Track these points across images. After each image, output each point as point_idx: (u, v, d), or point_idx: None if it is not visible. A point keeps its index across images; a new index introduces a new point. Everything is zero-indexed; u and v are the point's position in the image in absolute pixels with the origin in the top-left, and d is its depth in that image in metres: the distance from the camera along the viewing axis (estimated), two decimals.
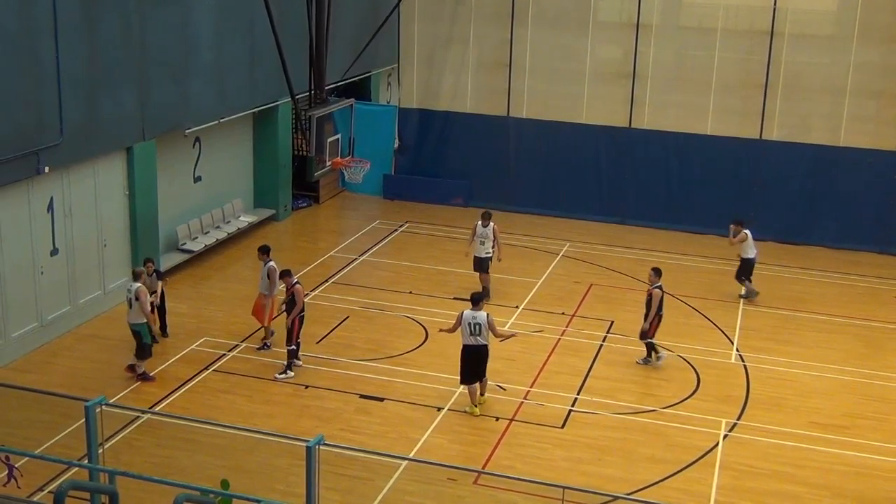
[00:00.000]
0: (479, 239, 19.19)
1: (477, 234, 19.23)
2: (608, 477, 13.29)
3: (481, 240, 19.16)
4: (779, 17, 23.57)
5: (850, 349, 18.01)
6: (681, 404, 15.47)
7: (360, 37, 23.56)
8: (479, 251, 19.21)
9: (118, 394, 14.90)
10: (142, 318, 15.29)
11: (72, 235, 17.04)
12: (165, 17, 18.50)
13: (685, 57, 24.71)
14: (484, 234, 19.16)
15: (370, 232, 23.57)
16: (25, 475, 11.01)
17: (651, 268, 17.21)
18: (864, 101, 23.49)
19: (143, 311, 15.23)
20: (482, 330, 14.68)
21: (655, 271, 16.95)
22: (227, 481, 9.39)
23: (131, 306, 15.32)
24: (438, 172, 26.57)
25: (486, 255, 19.21)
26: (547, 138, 25.61)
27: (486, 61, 26.02)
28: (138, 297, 15.18)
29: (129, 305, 15.36)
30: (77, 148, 16.56)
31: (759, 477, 13.51)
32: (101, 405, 10.06)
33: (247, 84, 21.52)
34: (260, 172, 23.59)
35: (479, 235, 19.21)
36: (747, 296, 20.00)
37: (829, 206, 23.87)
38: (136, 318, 15.34)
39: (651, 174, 24.99)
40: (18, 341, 16.08)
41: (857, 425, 15.08)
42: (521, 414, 14.98)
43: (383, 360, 16.59)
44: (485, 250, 19.18)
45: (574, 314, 18.94)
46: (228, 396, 15.18)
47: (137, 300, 15.19)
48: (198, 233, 21.00)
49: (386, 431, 14.29)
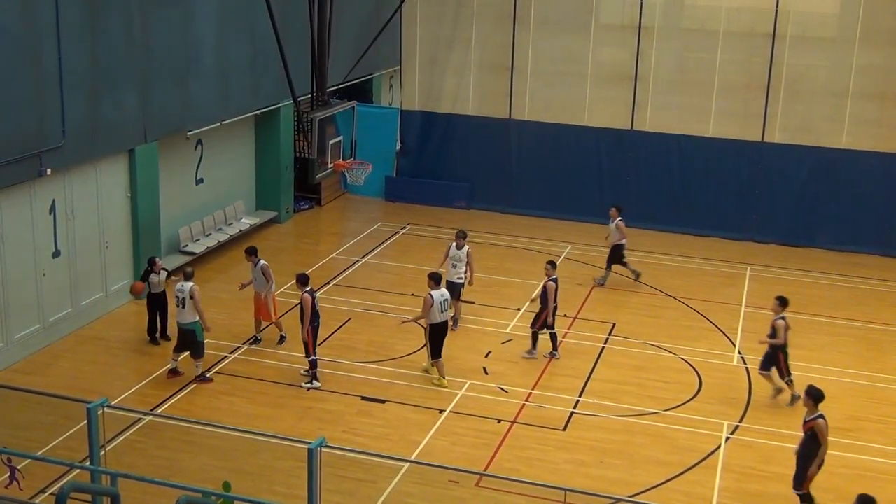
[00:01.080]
0: (451, 261, 17.64)
1: (449, 255, 17.68)
2: (610, 479, 13.28)
3: (454, 262, 17.59)
4: (781, 19, 23.55)
5: (853, 352, 17.98)
6: (683, 407, 15.45)
7: (363, 39, 23.57)
8: (450, 275, 17.49)
9: (120, 396, 14.90)
10: (194, 317, 15.33)
11: (74, 237, 17.04)
12: (167, 19, 18.52)
13: (687, 59, 24.70)
14: (457, 256, 17.59)
15: (372, 234, 23.57)
16: (27, 477, 11.00)
17: (547, 261, 17.39)
18: (866, 103, 23.46)
19: (196, 310, 15.27)
20: (449, 305, 15.69)
21: (551, 264, 17.15)
22: (229, 483, 9.38)
23: (184, 306, 15.35)
24: (440, 175, 26.57)
25: (458, 279, 17.58)
26: (549, 141, 25.60)
27: (488, 64, 26.01)
28: (193, 296, 15.25)
29: (181, 305, 15.39)
30: (79, 150, 16.57)
31: (762, 480, 13.49)
32: (102, 407, 10.06)
33: (249, 86, 21.53)
34: (262, 174, 23.60)
35: (451, 258, 17.64)
36: (603, 282, 20.60)
37: (832, 209, 23.84)
38: (187, 318, 15.36)
39: (653, 177, 24.97)
40: (20, 343, 16.09)
41: (861, 428, 15.05)
42: (522, 416, 14.96)
43: (385, 362, 16.57)
44: (457, 274, 17.55)
45: (576, 316, 18.92)
46: (230, 398, 15.17)
47: (192, 299, 15.25)
48: (199, 235, 21.01)
49: (388, 433, 14.28)
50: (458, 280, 17.62)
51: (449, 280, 17.33)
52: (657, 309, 19.60)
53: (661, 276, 21.46)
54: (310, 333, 15.48)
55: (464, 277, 17.73)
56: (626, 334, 18.10)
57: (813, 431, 12.44)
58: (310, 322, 15.43)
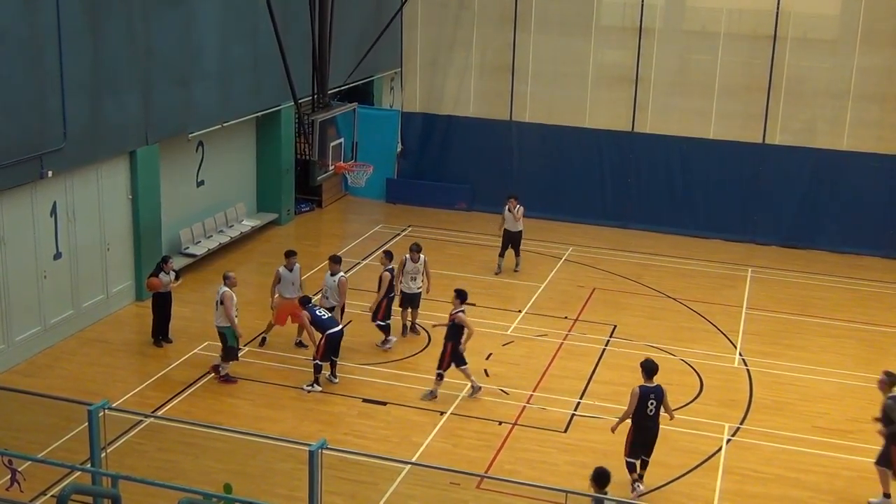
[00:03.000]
0: (408, 275, 17.43)
1: (406, 270, 17.42)
2: (611, 481, 13.24)
3: (412, 276, 17.42)
4: (782, 21, 23.56)
5: (854, 353, 17.98)
6: (684, 408, 15.43)
7: (363, 41, 23.59)
8: (409, 287, 17.41)
9: (121, 397, 14.90)
10: (226, 321, 15.39)
11: (75, 239, 17.05)
12: (169, 21, 18.52)
13: (688, 61, 24.71)
14: (414, 269, 17.43)
15: (373, 236, 23.57)
16: (28, 479, 10.99)
17: (383, 251, 17.81)
18: (867, 105, 23.47)
19: (227, 315, 15.37)
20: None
21: (387, 254, 17.50)
22: (230, 485, 9.40)
23: (217, 308, 15.49)
24: (441, 176, 26.58)
25: (417, 290, 17.55)
26: (550, 142, 25.62)
27: (488, 65, 26.03)
28: (223, 301, 15.35)
29: (216, 307, 15.53)
30: (80, 152, 16.57)
31: (763, 482, 13.48)
32: (104, 409, 10.07)
33: (250, 88, 21.53)
34: (263, 176, 23.61)
35: (408, 272, 17.42)
36: (498, 271, 21.14)
37: (833, 210, 23.85)
38: (220, 321, 15.49)
39: (654, 178, 24.98)
40: (22, 345, 16.09)
41: (862, 430, 15.02)
42: (523, 418, 14.96)
43: (386, 364, 16.57)
44: (416, 286, 17.50)
45: (577, 318, 18.92)
46: (231, 400, 15.17)
47: (222, 304, 15.35)
48: (201, 237, 21.01)
49: (389, 435, 14.27)
50: (416, 290, 17.53)
51: (406, 292, 17.43)
52: (658, 311, 19.60)
53: (661, 277, 21.46)
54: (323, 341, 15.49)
55: (422, 287, 17.61)
56: (627, 336, 18.09)
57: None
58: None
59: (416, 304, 17.71)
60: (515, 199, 20.92)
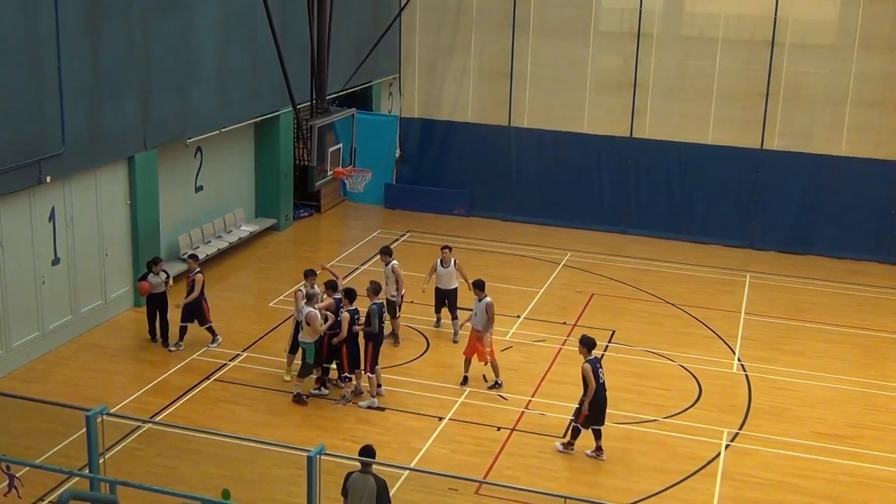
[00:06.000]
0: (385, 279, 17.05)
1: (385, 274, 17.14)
2: (609, 487, 13.27)
3: (386, 280, 17.09)
4: (780, 26, 23.60)
5: (852, 359, 17.98)
6: (682, 414, 15.44)
7: (362, 46, 23.58)
8: (386, 292, 16.87)
9: (119, 403, 14.88)
10: (309, 337, 15.07)
11: (73, 245, 17.04)
12: (168, 27, 18.54)
13: (686, 66, 24.74)
14: (385, 273, 17.17)
15: (371, 241, 23.56)
16: (26, 485, 10.98)
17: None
18: (865, 110, 23.50)
19: (314, 332, 15.00)
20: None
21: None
22: (228, 491, 9.39)
23: (302, 328, 15.17)
24: (440, 182, 26.60)
25: (391, 298, 17.02)
26: (548, 148, 25.63)
27: (487, 71, 26.06)
28: (309, 322, 14.98)
29: (301, 327, 15.20)
30: (79, 157, 16.57)
31: (762, 487, 13.47)
32: (102, 415, 10.06)
33: (248, 94, 21.55)
34: (261, 182, 23.61)
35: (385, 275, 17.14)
36: (437, 325, 18.31)
37: (831, 216, 23.86)
38: (304, 337, 15.16)
39: (652, 184, 25.00)
40: (20, 350, 16.08)
41: (861, 435, 15.04)
42: (522, 424, 14.95)
43: (384, 369, 16.54)
44: (389, 293, 16.98)
45: (575, 324, 18.92)
46: (230, 406, 15.16)
47: (308, 325, 15.00)
48: (199, 242, 21.00)
49: (387, 441, 14.25)
50: (391, 298, 17.11)
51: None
52: (657, 316, 19.60)
53: (660, 283, 21.47)
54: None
55: (396, 294, 17.23)
56: (625, 341, 18.09)
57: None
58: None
59: (392, 313, 17.15)
60: (450, 251, 18.22)
